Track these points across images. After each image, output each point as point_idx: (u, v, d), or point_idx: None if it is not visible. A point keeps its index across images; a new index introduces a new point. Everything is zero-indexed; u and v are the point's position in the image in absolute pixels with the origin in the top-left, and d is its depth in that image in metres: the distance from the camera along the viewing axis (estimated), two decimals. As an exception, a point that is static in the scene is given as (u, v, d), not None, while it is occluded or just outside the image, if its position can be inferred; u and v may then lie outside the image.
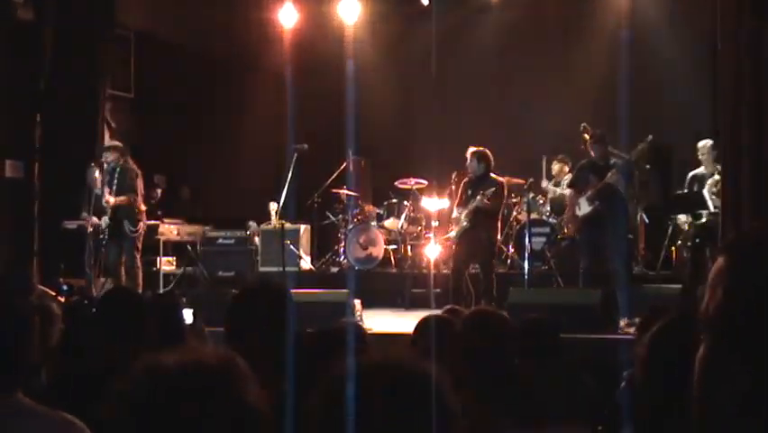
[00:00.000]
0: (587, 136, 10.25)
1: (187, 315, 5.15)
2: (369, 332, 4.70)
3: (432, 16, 14.15)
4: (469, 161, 10.28)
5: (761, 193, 8.03)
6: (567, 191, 10.61)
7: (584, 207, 9.56)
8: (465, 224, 10.19)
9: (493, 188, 10.05)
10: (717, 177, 10.08)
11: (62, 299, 8.28)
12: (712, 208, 9.90)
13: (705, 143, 10.28)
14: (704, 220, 10.12)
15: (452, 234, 10.54)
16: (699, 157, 10.46)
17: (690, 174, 10.57)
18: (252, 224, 12.58)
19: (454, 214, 10.54)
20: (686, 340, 1.89)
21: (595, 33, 13.24)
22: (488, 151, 10.29)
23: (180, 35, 14.09)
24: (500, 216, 10.53)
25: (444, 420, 1.36)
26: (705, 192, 10.16)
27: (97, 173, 11.11)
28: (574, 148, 11.28)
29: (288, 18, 13.66)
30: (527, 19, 13.98)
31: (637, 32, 12.23)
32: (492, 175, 10.27)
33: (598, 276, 9.21)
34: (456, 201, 10.61)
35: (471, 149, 10.31)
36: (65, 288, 9.85)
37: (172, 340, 4.20)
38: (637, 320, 5.10)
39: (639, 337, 3.00)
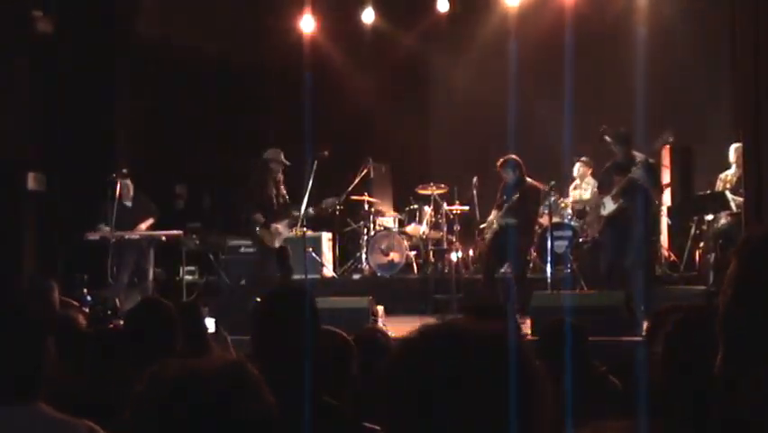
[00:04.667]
0: (607, 138, 10.22)
1: (210, 324, 5.17)
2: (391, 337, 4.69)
3: (451, 21, 14.15)
4: (502, 171, 10.37)
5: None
6: (587, 194, 10.60)
7: (609, 206, 9.54)
8: (496, 226, 10.29)
9: (518, 197, 10.15)
10: (731, 176, 10.04)
11: (86, 310, 8.34)
12: (735, 209, 9.84)
13: (738, 146, 10.19)
14: (727, 220, 10.06)
15: (487, 236, 10.64)
16: (731, 160, 10.39)
17: (720, 176, 10.53)
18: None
19: (491, 216, 10.66)
20: (702, 338, 1.87)
21: (614, 35, 13.17)
22: (518, 158, 10.37)
23: (198, 44, 14.14)
24: (534, 221, 10.60)
25: (526, 382, 1.35)
26: (727, 193, 10.10)
27: (129, 182, 11.24)
28: (595, 150, 11.26)
29: (306, 25, 13.70)
30: (545, 20, 13.93)
31: (656, 32, 12.17)
32: (527, 180, 10.38)
33: (621, 276, 9.17)
34: (495, 204, 10.70)
35: (501, 160, 10.42)
36: (88, 299, 9.89)
37: (196, 349, 4.22)
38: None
39: (649, 337, 2.98)
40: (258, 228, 10.44)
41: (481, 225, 11.00)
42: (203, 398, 1.46)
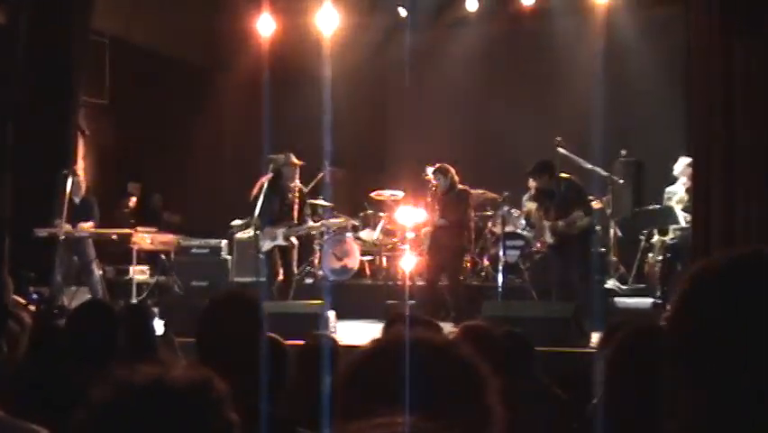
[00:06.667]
0: (561, 150, 10.34)
1: (158, 325, 5.13)
2: (339, 344, 4.69)
3: (409, 28, 14.18)
4: (434, 179, 10.65)
5: (732, 209, 8.09)
6: (532, 204, 10.73)
7: (548, 236, 9.81)
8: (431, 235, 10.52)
9: (452, 202, 10.45)
10: (683, 194, 10.20)
11: (32, 308, 8.24)
12: (683, 223, 9.99)
13: (682, 161, 10.40)
14: (675, 235, 10.22)
15: (424, 245, 10.81)
16: (676, 174, 10.59)
17: (666, 190, 10.69)
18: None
19: (426, 227, 10.82)
20: (645, 355, 1.89)
21: (571, 48, 13.30)
22: (447, 165, 10.61)
23: (156, 42, 14.06)
24: (470, 224, 10.72)
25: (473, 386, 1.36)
26: (675, 207, 10.26)
27: (82, 179, 11.16)
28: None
29: (265, 27, 13.64)
30: (504, 33, 14.04)
31: (612, 48, 12.31)
32: (458, 186, 10.61)
33: (570, 290, 9.35)
34: (429, 214, 10.90)
35: (431, 168, 10.70)
36: (34, 296, 9.77)
37: (143, 351, 4.19)
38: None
39: (599, 353, 3.02)
40: (257, 232, 10.49)
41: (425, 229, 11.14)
42: (168, 410, 1.44)
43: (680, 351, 1.30)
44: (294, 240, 10.59)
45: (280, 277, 10.50)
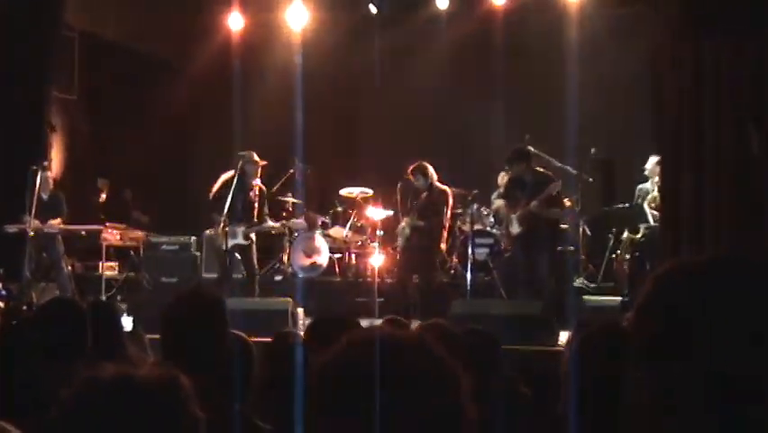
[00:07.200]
0: (531, 148, 10.37)
1: (127, 322, 5.11)
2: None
3: (380, 26, 14.18)
4: (413, 179, 10.41)
5: (700, 208, 8.16)
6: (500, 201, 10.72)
7: (515, 227, 9.74)
8: (407, 232, 10.37)
9: (431, 202, 10.29)
10: (655, 192, 10.27)
11: (1, 304, 8.18)
12: (652, 222, 10.07)
13: (652, 160, 10.49)
14: (644, 233, 10.30)
15: (398, 243, 10.71)
16: (647, 173, 10.67)
17: (638, 188, 10.78)
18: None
19: (401, 225, 10.70)
20: (606, 353, 1.91)
21: (542, 47, 13.34)
22: (426, 164, 10.42)
23: (125, 37, 13.97)
24: (446, 225, 10.64)
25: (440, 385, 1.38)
26: (645, 205, 10.34)
27: (49, 175, 11.06)
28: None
29: (235, 23, 13.62)
30: (475, 31, 14.05)
31: (583, 45, 12.38)
32: (437, 185, 10.40)
33: (539, 288, 9.37)
34: (401, 211, 10.79)
35: (411, 167, 10.47)
36: (3, 293, 9.70)
37: (111, 348, 4.17)
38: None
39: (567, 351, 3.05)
40: (214, 229, 10.46)
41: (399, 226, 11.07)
42: (135, 408, 1.45)
43: (646, 352, 1.32)
44: (252, 236, 10.57)
45: (242, 275, 10.52)
